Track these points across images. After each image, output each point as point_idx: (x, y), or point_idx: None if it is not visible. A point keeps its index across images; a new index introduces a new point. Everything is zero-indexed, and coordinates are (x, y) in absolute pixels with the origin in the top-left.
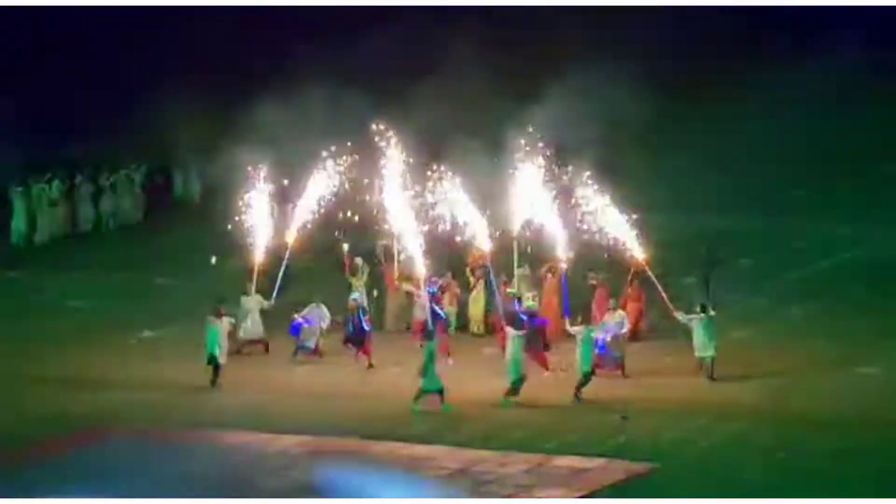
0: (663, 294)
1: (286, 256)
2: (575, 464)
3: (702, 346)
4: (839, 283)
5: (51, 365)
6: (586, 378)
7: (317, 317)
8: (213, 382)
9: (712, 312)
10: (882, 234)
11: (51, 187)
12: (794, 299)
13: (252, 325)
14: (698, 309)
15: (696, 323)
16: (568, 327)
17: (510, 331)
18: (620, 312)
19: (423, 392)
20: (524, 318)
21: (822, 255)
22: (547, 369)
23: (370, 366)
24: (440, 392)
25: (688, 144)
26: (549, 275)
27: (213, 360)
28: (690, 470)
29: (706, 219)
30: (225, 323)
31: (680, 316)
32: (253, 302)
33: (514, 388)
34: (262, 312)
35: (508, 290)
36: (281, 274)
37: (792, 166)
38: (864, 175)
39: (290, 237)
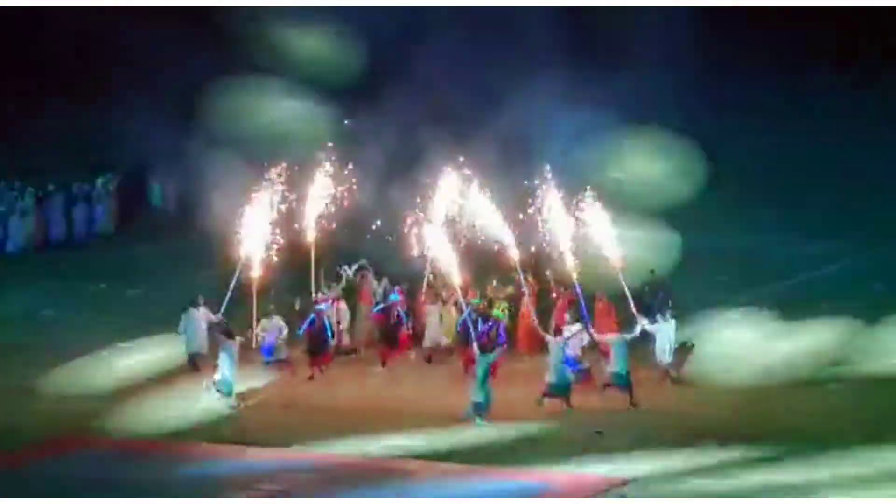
0: (631, 303)
1: (237, 270)
2: (547, 478)
3: (660, 351)
4: (815, 299)
5: (21, 374)
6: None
7: (274, 329)
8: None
9: (671, 320)
10: (853, 252)
11: (23, 196)
12: (768, 315)
13: (198, 339)
14: (658, 317)
15: (656, 330)
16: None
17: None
18: (578, 325)
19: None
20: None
21: (793, 272)
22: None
23: (311, 377)
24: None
25: (659, 159)
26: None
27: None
28: (664, 484)
29: (678, 235)
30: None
31: (644, 324)
32: (201, 314)
33: (477, 410)
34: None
35: (473, 298)
36: (232, 286)
37: (763, 182)
38: (835, 192)
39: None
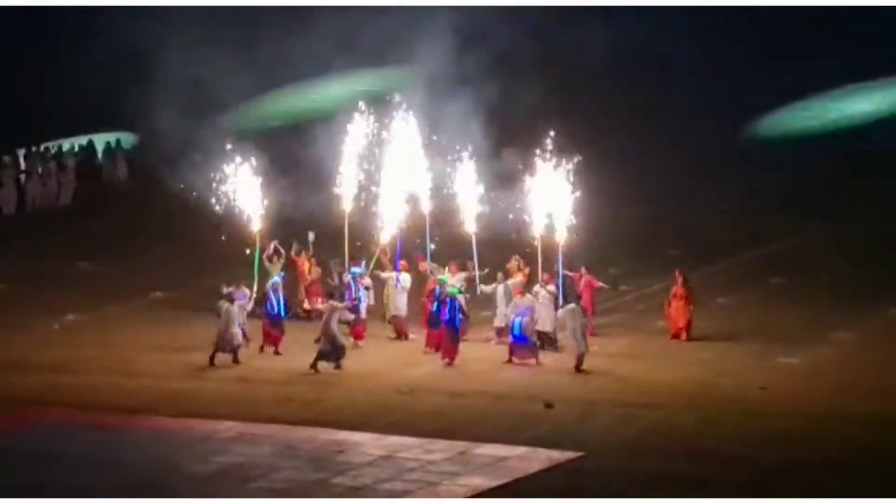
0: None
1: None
2: (498, 451)
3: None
4: (765, 275)
5: None
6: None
7: (242, 296)
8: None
9: (572, 305)
10: (808, 227)
11: None
12: (719, 289)
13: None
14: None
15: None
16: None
17: None
18: (529, 297)
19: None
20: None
21: (748, 247)
22: (452, 360)
23: (277, 353)
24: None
25: (613, 134)
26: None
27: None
28: (614, 458)
29: (634, 208)
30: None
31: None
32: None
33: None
34: None
35: (440, 276)
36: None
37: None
38: (791, 168)
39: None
